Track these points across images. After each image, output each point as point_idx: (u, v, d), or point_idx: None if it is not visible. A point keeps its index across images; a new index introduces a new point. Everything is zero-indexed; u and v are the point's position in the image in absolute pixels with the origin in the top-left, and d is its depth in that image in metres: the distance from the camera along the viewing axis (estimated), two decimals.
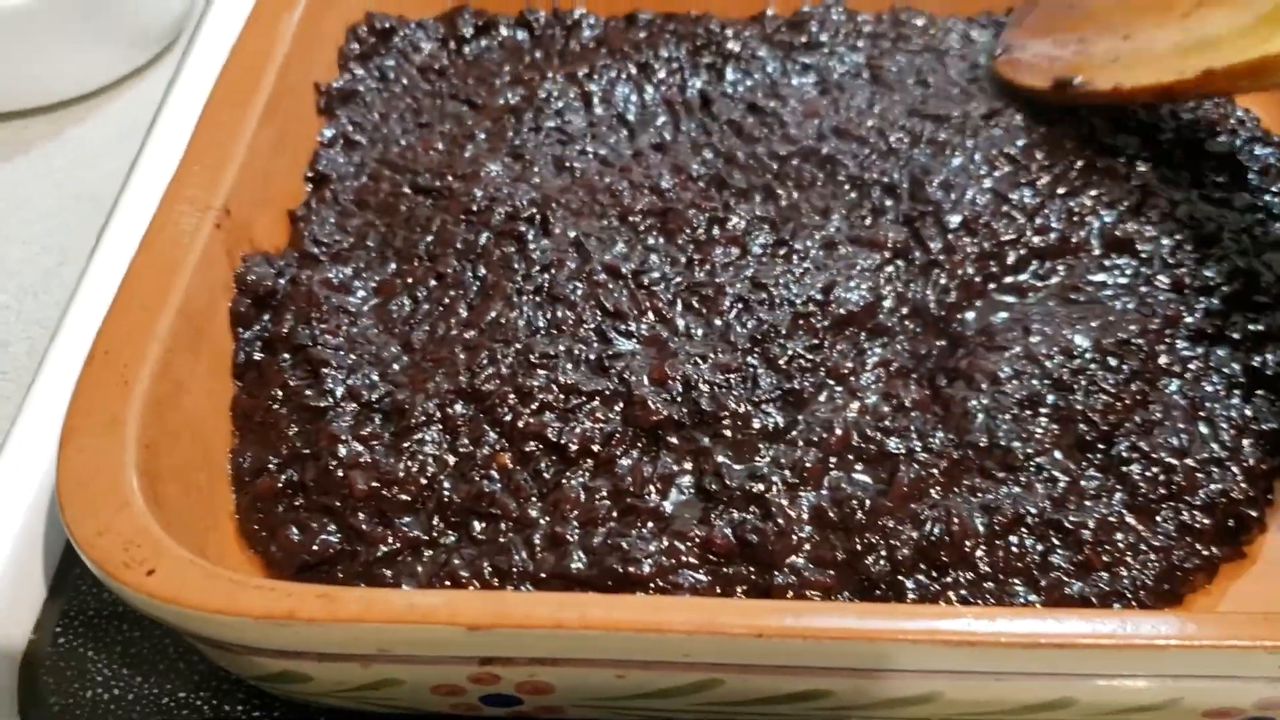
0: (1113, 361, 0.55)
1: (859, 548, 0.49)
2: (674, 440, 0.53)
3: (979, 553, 0.49)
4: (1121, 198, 0.64)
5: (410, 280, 0.60)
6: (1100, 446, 0.53)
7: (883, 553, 0.49)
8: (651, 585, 0.48)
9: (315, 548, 0.50)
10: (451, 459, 0.52)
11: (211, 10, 0.88)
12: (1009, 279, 0.61)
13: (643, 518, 0.50)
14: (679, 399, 0.53)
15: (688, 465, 0.52)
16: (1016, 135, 0.67)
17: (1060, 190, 0.64)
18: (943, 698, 0.44)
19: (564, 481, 0.51)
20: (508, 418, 0.53)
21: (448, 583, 0.48)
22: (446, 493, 0.51)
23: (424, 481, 0.51)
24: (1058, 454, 0.53)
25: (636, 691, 0.45)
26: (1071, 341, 0.56)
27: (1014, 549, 0.50)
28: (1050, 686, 0.44)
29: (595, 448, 0.52)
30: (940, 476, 0.51)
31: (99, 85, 0.84)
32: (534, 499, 0.51)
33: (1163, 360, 0.56)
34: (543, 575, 0.48)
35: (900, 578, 0.49)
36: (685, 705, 0.46)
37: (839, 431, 0.52)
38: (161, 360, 0.51)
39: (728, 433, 0.53)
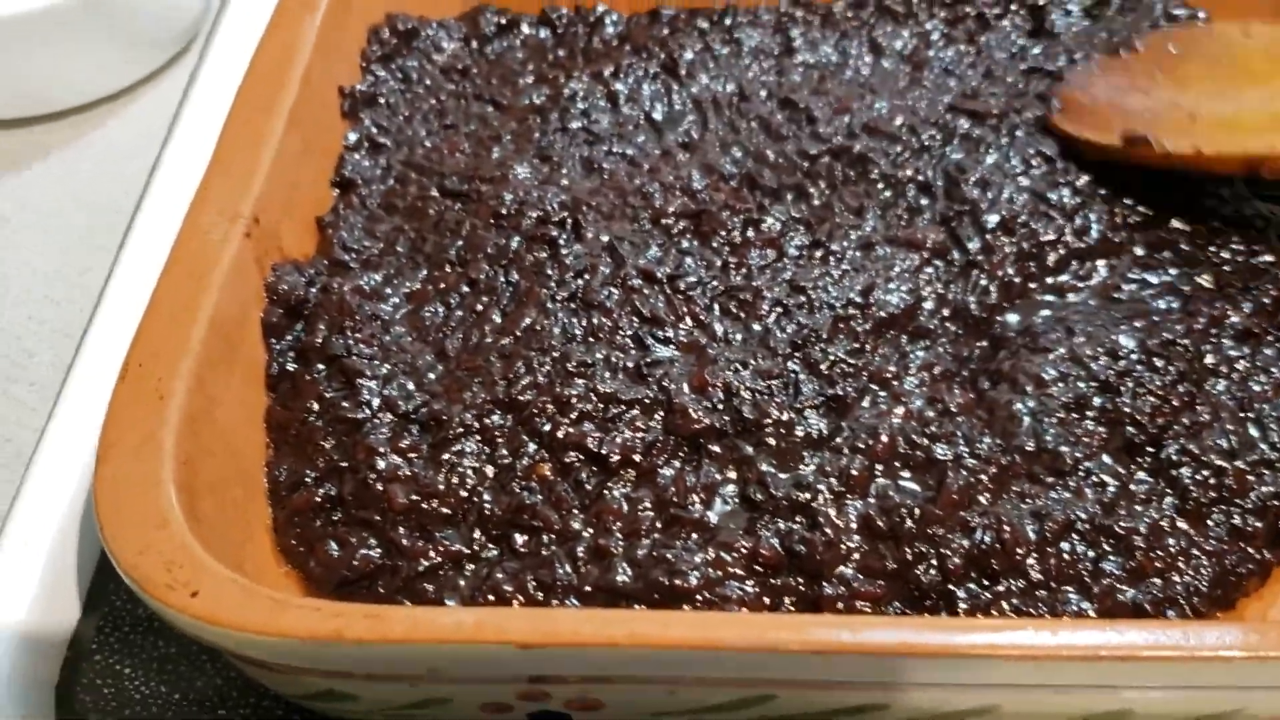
0: (1158, 362, 0.54)
1: (909, 557, 0.48)
2: (716, 449, 0.52)
3: (1030, 560, 0.49)
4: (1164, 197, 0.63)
5: (442, 286, 0.59)
6: (1149, 450, 0.52)
7: (933, 562, 0.48)
8: (698, 598, 0.47)
9: (355, 563, 0.49)
10: (491, 470, 0.51)
11: (227, 11, 0.87)
12: (1049, 279, 0.60)
13: (687, 529, 0.49)
14: (720, 407, 0.53)
15: (731, 474, 0.51)
16: (1055, 134, 0.66)
17: (1101, 191, 0.62)
18: (999, 710, 0.44)
19: (606, 492, 0.50)
20: (546, 428, 0.52)
21: (491, 597, 0.48)
22: (487, 505, 0.50)
23: (464, 494, 0.51)
24: (1106, 458, 0.52)
25: (687, 707, 0.44)
26: (1116, 342, 0.55)
27: (1065, 556, 0.49)
28: (1109, 698, 0.43)
29: (637, 458, 0.51)
30: (989, 483, 0.51)
31: (117, 89, 0.83)
32: (576, 510, 0.50)
33: (1209, 360, 0.55)
34: (587, 589, 0.48)
35: (951, 587, 0.48)
36: None
37: (884, 438, 0.51)
38: (195, 374, 0.50)
39: (771, 440, 0.52)
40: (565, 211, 0.62)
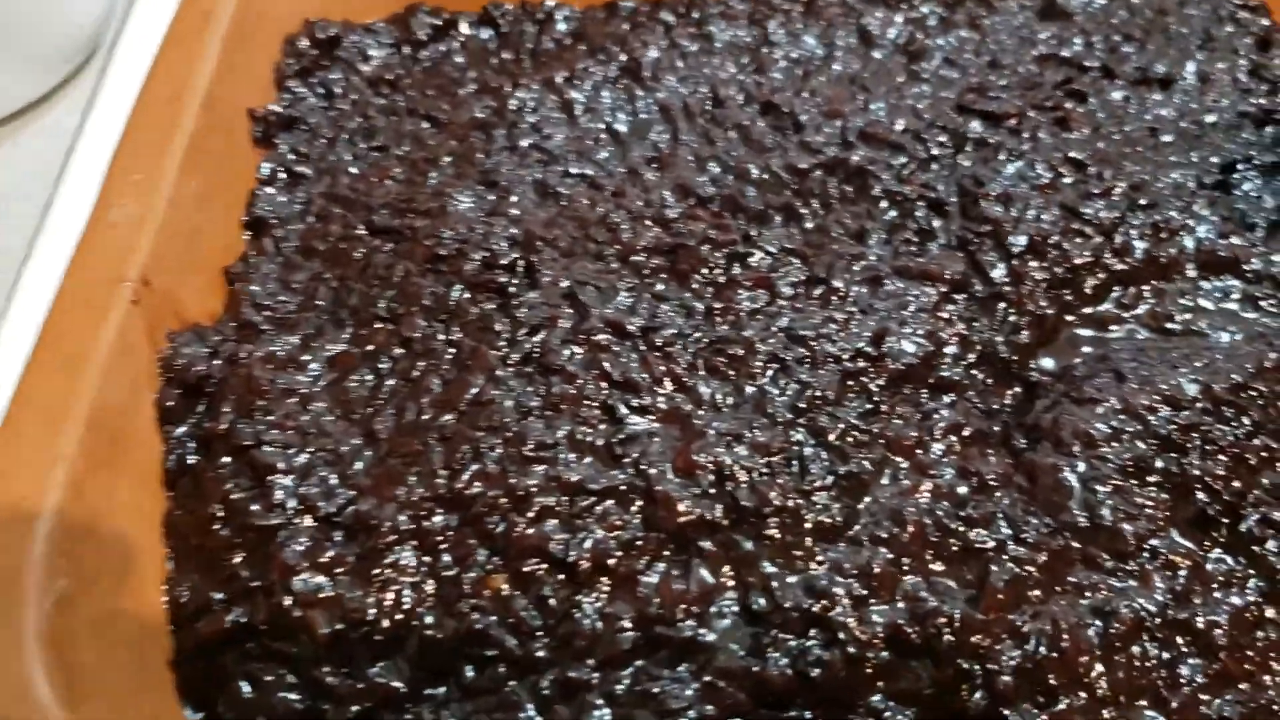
0: (1229, 412, 0.46)
1: (950, 675, 0.40)
2: (709, 546, 0.43)
3: (1095, 670, 0.40)
4: (1219, 207, 0.54)
5: (370, 348, 0.50)
6: (1224, 521, 0.44)
7: (978, 680, 0.40)
8: None
9: (273, 709, 0.41)
10: (432, 586, 0.43)
11: (133, 18, 0.77)
12: (1088, 309, 0.51)
13: (677, 651, 0.41)
14: (711, 493, 0.44)
15: (728, 578, 0.42)
16: (1084, 137, 0.57)
17: (1142, 201, 0.54)
18: None
19: (575, 609, 0.41)
20: (499, 529, 0.43)
21: None
22: (429, 630, 0.42)
23: (399, 617, 0.42)
24: (1175, 533, 0.44)
25: None
26: (1177, 388, 0.46)
27: (1136, 662, 0.40)
28: None
29: (611, 562, 0.42)
30: (1039, 574, 0.42)
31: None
32: (539, 634, 0.41)
33: None
34: None
35: (1003, 710, 0.39)
36: None
37: (910, 524, 0.43)
38: (70, 485, 0.42)
39: (774, 533, 0.43)
40: (516, 250, 0.52)
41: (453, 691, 0.41)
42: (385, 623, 0.42)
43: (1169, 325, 0.50)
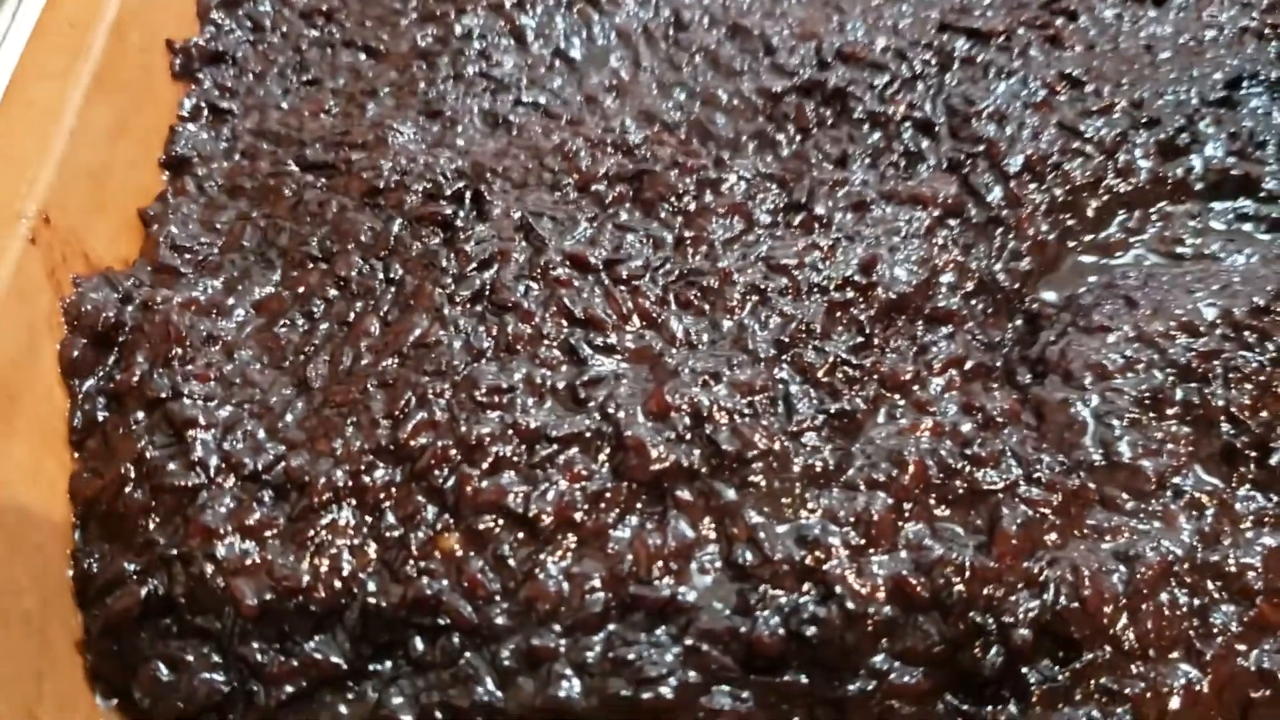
0: (1251, 337, 0.42)
1: (960, 632, 0.36)
2: (686, 495, 0.39)
3: (1120, 621, 0.36)
4: (1226, 124, 0.50)
5: (302, 290, 0.46)
6: (1253, 455, 0.40)
7: (992, 635, 0.36)
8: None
9: (194, 693, 0.36)
10: (374, 549, 0.38)
11: None
12: (1091, 236, 0.48)
13: (654, 613, 0.37)
14: (688, 437, 0.40)
15: (709, 530, 0.38)
16: (1078, 54, 0.53)
17: (1144, 118, 0.50)
18: None
19: (538, 570, 0.37)
20: (449, 483, 0.39)
21: None
22: (372, 598, 0.37)
23: (338, 585, 0.37)
24: (1199, 469, 0.40)
25: None
26: (1194, 313, 0.43)
27: (1164, 610, 0.37)
28: None
29: (578, 516, 0.38)
30: (1054, 516, 0.38)
31: None
32: (498, 598, 0.37)
33: None
34: (522, 714, 0.35)
35: (1020, 667, 0.35)
36: None
37: (911, 465, 0.39)
38: None
39: (760, 479, 0.39)
40: (463, 181, 0.48)
41: (401, 666, 0.37)
42: (321, 591, 0.37)
43: (1179, 249, 0.47)
